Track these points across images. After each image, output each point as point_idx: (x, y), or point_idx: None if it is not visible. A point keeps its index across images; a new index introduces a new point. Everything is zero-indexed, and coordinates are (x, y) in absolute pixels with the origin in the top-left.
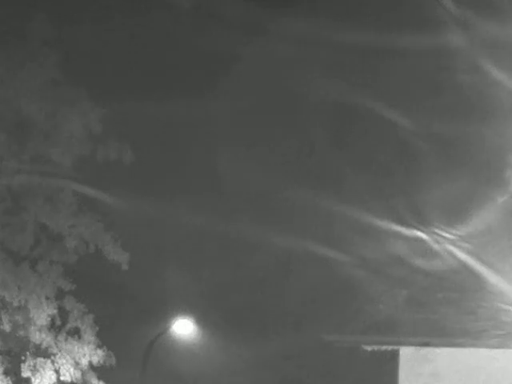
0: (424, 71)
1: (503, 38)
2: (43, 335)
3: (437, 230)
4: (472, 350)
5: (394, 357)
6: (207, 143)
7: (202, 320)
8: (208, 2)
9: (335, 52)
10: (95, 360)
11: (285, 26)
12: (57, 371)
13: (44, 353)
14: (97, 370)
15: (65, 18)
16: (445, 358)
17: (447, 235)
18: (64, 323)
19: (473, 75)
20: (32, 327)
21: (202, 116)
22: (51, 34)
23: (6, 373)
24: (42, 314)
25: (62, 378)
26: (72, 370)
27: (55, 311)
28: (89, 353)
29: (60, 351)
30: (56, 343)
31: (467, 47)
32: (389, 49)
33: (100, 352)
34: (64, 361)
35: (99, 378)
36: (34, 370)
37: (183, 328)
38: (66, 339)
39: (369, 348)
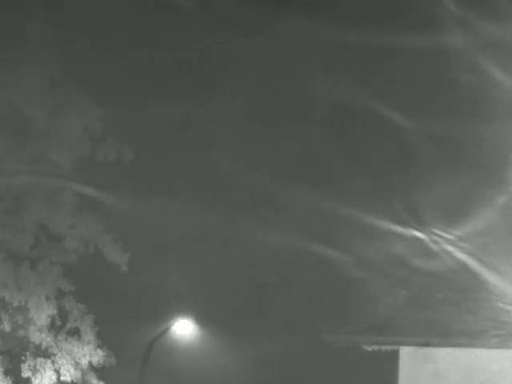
0: (424, 71)
1: (503, 37)
2: (43, 335)
3: (436, 230)
4: (472, 350)
5: (393, 357)
6: (207, 143)
7: (201, 320)
8: (209, 1)
9: (335, 52)
10: (95, 360)
11: (285, 26)
12: (57, 371)
13: (44, 353)
14: (97, 370)
15: (65, 18)
16: (445, 358)
17: (447, 235)
18: (64, 323)
19: (473, 75)
20: (32, 327)
21: (202, 116)
22: (51, 34)
23: (5, 373)
24: (42, 314)
25: (62, 379)
26: (72, 370)
27: (55, 311)
28: (89, 353)
29: (60, 351)
30: (56, 343)
31: (467, 47)
32: (389, 49)
33: (100, 352)
34: (64, 361)
35: (99, 378)
36: (34, 370)
37: (183, 328)
38: (65, 339)
39: (369, 348)
